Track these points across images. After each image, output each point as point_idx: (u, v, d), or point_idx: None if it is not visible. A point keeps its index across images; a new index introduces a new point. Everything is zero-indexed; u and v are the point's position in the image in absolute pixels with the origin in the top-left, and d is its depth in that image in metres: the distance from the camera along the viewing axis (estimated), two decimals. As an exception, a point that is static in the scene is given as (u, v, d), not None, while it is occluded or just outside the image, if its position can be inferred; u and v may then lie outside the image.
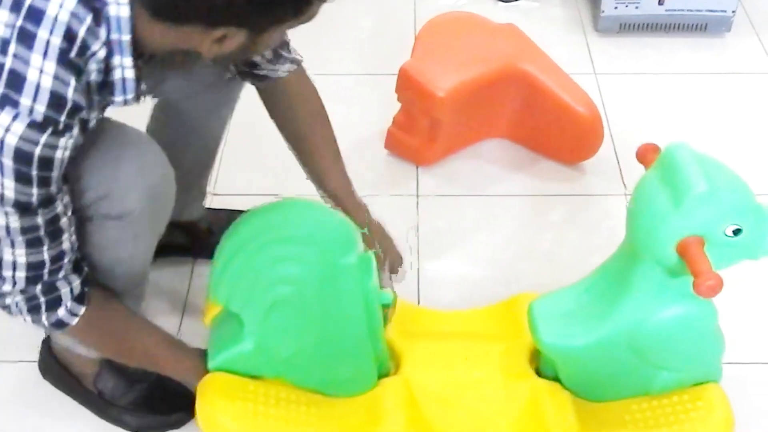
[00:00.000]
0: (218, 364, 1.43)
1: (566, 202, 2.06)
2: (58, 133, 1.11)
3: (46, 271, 1.22)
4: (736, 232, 1.25)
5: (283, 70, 1.53)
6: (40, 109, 1.08)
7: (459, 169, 2.14)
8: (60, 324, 1.29)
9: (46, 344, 1.63)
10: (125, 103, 1.21)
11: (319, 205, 1.44)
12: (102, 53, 1.12)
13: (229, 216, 1.87)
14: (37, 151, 1.10)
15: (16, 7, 1.08)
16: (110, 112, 1.28)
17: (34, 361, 1.67)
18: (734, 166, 1.31)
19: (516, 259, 1.92)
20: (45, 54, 1.07)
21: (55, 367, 1.62)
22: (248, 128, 2.21)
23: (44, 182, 1.14)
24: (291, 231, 1.36)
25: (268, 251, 1.34)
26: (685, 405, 1.45)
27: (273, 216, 1.39)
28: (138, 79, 1.19)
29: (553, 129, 2.04)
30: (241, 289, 1.36)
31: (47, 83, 1.08)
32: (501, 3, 2.63)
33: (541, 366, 1.52)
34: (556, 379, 1.49)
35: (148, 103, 1.59)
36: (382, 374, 1.50)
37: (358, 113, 2.23)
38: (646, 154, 1.36)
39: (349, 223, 1.40)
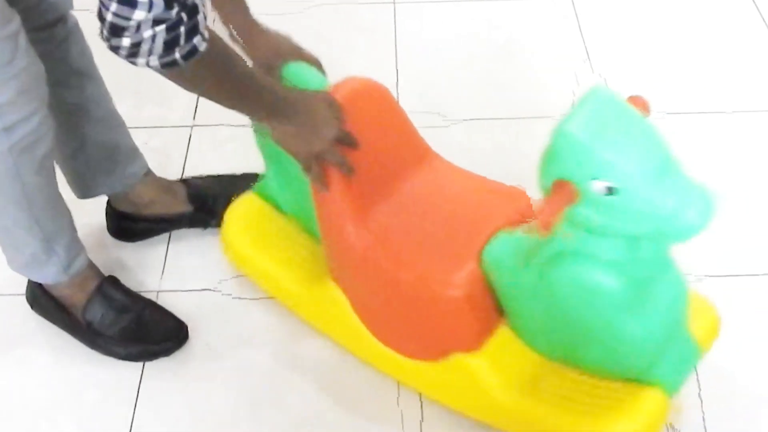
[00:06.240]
0: (254, 188, 1.70)
1: (543, 124, 2.06)
2: None
3: None
4: (611, 190, 1.14)
5: None
6: None
7: (438, 91, 2.14)
8: (192, 53, 1.13)
9: (34, 278, 1.65)
10: None
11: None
12: None
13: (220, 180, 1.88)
14: None
15: None
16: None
17: (21, 294, 1.69)
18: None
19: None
20: None
21: (43, 299, 1.65)
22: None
23: None
24: None
25: None
26: (617, 397, 1.36)
27: None
28: None
29: None
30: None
31: None
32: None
33: None
34: None
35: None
36: None
37: None
38: None
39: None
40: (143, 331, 1.62)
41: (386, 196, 1.48)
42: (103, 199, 1.80)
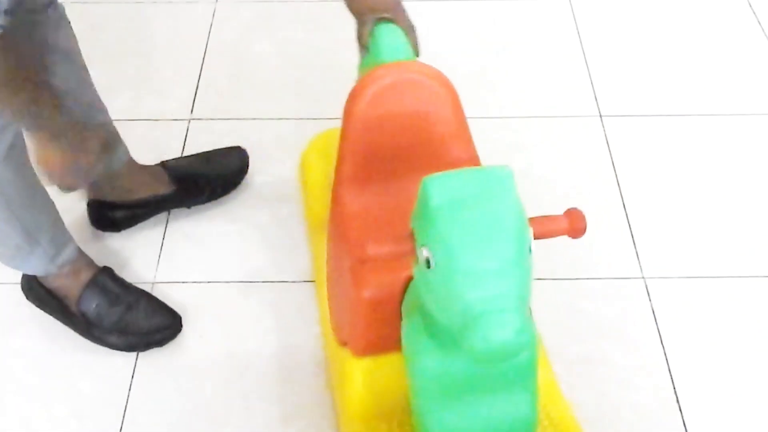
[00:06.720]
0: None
1: (541, 124, 2.09)
2: None
3: None
4: (428, 262, 1.02)
5: None
6: None
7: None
8: None
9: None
10: None
11: None
12: None
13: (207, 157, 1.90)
14: None
15: None
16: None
17: (16, 283, 1.70)
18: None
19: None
20: None
21: (38, 289, 1.66)
22: (228, 52, 2.22)
23: None
24: None
25: None
26: None
27: None
28: None
29: None
30: None
31: None
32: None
33: None
34: None
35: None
36: None
37: None
38: None
39: None
40: (137, 322, 1.63)
41: (398, 184, 1.37)
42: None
